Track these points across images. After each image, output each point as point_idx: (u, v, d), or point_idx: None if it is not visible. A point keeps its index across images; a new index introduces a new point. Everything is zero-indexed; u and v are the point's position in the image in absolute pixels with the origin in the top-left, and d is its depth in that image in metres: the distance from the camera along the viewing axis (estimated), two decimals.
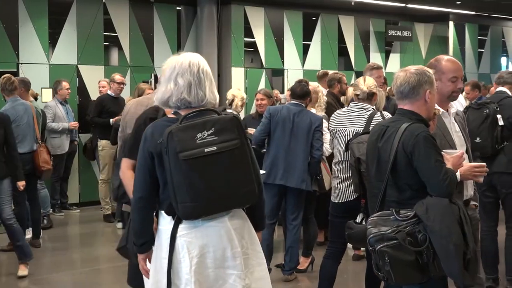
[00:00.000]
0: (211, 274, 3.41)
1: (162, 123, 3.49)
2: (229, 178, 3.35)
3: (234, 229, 3.46)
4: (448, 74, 4.28)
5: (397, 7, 16.55)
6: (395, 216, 3.62)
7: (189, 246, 3.39)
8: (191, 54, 3.57)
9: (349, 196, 5.32)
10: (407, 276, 3.59)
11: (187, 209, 3.32)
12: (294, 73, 14.51)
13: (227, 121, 3.39)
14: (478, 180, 4.09)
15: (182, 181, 3.28)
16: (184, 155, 3.26)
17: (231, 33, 14.05)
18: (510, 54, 20.63)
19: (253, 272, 3.51)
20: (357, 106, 5.49)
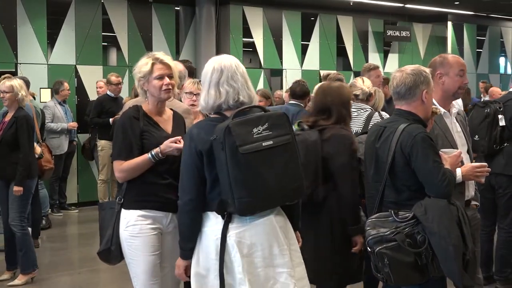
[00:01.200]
0: (261, 273, 3.40)
1: (208, 122, 3.50)
2: (283, 173, 3.37)
3: (279, 227, 3.47)
4: (455, 68, 4.29)
5: (396, 7, 16.56)
6: (393, 217, 3.62)
7: (239, 246, 3.37)
8: (227, 56, 3.59)
9: None
10: (406, 277, 3.59)
11: (244, 204, 3.30)
12: (293, 73, 14.52)
13: (278, 117, 3.43)
14: (480, 180, 4.09)
15: (240, 176, 3.27)
16: (243, 149, 3.26)
17: (230, 33, 14.06)
18: (508, 54, 20.65)
19: (295, 272, 3.49)
20: (355, 107, 5.50)
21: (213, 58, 3.59)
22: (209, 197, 3.44)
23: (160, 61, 4.04)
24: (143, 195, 3.91)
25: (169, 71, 4.05)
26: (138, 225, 3.95)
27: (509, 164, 6.11)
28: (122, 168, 3.96)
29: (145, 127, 3.99)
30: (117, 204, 4.02)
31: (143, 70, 4.05)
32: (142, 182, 3.95)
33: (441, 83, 4.26)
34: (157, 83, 4.01)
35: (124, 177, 4.00)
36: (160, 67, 4.03)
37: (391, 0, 15.77)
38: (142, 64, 4.08)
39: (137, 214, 3.96)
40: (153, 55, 4.09)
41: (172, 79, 4.05)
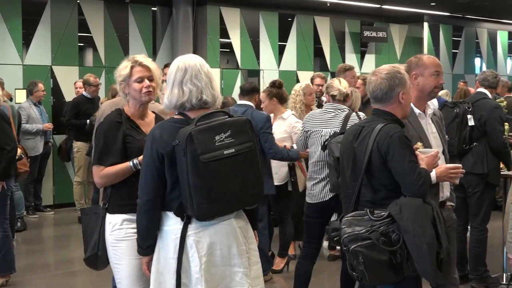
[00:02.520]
0: (218, 271, 3.45)
1: (170, 124, 3.50)
2: (243, 180, 3.41)
3: (239, 228, 3.52)
4: (431, 68, 4.31)
5: (372, 8, 16.63)
6: (369, 216, 3.63)
7: (197, 245, 3.41)
8: (192, 56, 3.60)
9: (324, 196, 5.34)
10: (381, 276, 3.60)
11: (203, 210, 3.34)
12: (270, 74, 14.51)
13: (242, 124, 3.46)
14: (454, 181, 4.12)
15: (200, 183, 3.30)
16: (205, 157, 3.28)
17: (207, 34, 14.03)
18: (483, 55, 20.81)
19: (251, 271, 3.55)
20: (333, 107, 5.51)
21: (179, 58, 3.60)
22: (170, 197, 3.47)
23: (139, 64, 4.03)
24: (128, 199, 3.89)
25: (149, 73, 4.03)
26: (123, 229, 3.95)
27: (477, 163, 6.18)
28: (102, 174, 3.95)
29: (128, 131, 3.97)
30: (102, 209, 4.01)
31: (122, 74, 4.03)
32: (127, 186, 3.94)
33: (416, 83, 4.27)
34: (137, 86, 4.00)
35: (103, 183, 3.99)
36: (139, 69, 4.01)
37: (367, 1, 15.83)
38: (122, 67, 4.06)
39: (122, 218, 3.96)
40: (132, 58, 4.08)
41: (153, 81, 4.03)
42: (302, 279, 5.54)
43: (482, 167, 6.21)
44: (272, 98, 7.10)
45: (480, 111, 6.21)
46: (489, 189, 6.36)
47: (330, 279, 6.99)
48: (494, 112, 6.34)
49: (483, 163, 6.21)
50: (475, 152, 6.17)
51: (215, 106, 3.57)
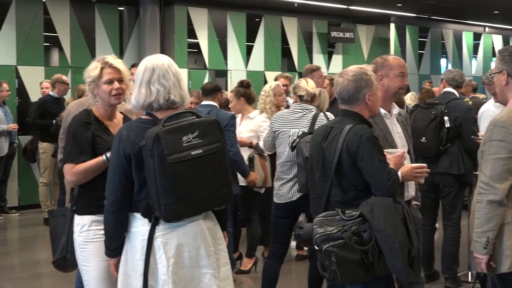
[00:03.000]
0: (186, 273, 3.42)
1: (138, 124, 3.47)
2: (211, 180, 3.39)
3: (207, 229, 3.49)
4: (396, 69, 4.33)
5: (340, 9, 16.72)
6: (340, 216, 3.63)
7: (165, 247, 3.38)
8: (161, 56, 3.58)
9: (292, 197, 5.35)
10: (353, 276, 3.60)
11: (171, 212, 3.31)
12: (238, 74, 14.51)
13: (209, 124, 3.43)
14: (419, 181, 4.14)
15: (168, 184, 3.27)
16: (172, 158, 3.26)
17: (174, 34, 13.98)
18: (449, 55, 21.03)
19: (220, 272, 3.54)
20: (300, 107, 5.52)
21: (147, 58, 3.57)
22: (137, 198, 3.44)
23: (109, 65, 3.98)
24: (96, 200, 3.85)
25: (118, 75, 3.99)
26: (92, 231, 3.91)
27: (454, 164, 6.23)
28: (75, 171, 3.90)
29: (97, 132, 3.94)
30: (70, 211, 3.97)
31: (92, 75, 3.99)
32: (94, 187, 3.90)
33: (381, 84, 4.29)
34: (106, 87, 3.96)
35: (76, 181, 3.93)
36: (109, 71, 3.97)
37: (335, 2, 15.90)
38: (92, 68, 4.01)
39: (90, 220, 3.92)
40: (102, 59, 4.03)
41: (123, 83, 4.00)
42: (269, 279, 5.54)
43: (459, 168, 6.26)
44: (240, 97, 7.10)
45: (454, 112, 6.24)
46: (463, 189, 6.44)
47: (298, 278, 7.00)
48: (469, 113, 6.40)
49: (459, 164, 6.26)
50: (450, 153, 6.21)
51: (184, 106, 3.55)
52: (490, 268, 3.53)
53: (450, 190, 6.31)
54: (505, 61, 3.64)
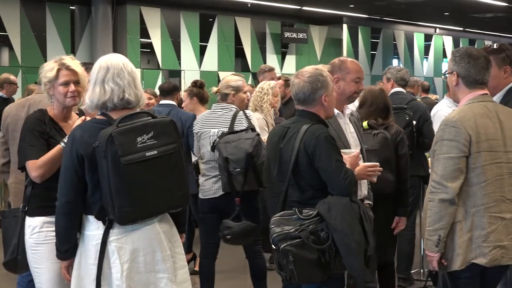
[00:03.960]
0: (142, 278, 3.36)
1: (92, 124, 3.40)
2: (166, 182, 3.34)
3: (163, 232, 3.44)
4: (353, 74, 4.36)
5: (293, 10, 16.79)
6: (298, 215, 3.64)
7: (119, 251, 3.32)
8: (116, 55, 3.53)
9: (214, 193, 5.33)
10: (310, 275, 3.62)
11: (125, 214, 3.25)
12: (191, 74, 14.47)
13: (165, 125, 3.38)
14: (372, 179, 4.18)
15: (122, 186, 3.22)
16: (126, 160, 3.20)
17: (127, 33, 13.88)
18: (401, 56, 21.30)
19: (177, 275, 3.49)
20: (220, 107, 5.49)
21: (102, 57, 3.52)
22: (90, 201, 3.38)
23: (66, 67, 3.91)
24: (48, 201, 3.78)
25: (75, 77, 3.93)
26: (43, 232, 3.83)
27: (419, 166, 6.23)
28: (38, 164, 3.80)
29: (51, 133, 3.87)
30: (21, 212, 3.90)
31: (48, 75, 3.92)
32: (46, 188, 3.82)
33: (337, 87, 4.31)
34: (62, 89, 3.89)
35: (42, 174, 3.83)
36: (66, 73, 3.90)
37: (288, 2, 15.96)
38: (48, 68, 3.94)
39: (42, 221, 3.83)
40: (60, 60, 3.95)
41: (79, 85, 3.93)
42: (206, 276, 5.53)
43: (424, 169, 6.28)
44: (193, 97, 7.06)
45: (416, 114, 6.21)
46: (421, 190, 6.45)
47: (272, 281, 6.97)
48: (427, 114, 6.43)
49: (425, 166, 6.28)
50: (416, 155, 6.20)
51: (139, 106, 3.52)
52: (441, 266, 3.57)
53: (414, 191, 6.30)
54: (456, 62, 3.70)
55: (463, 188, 3.50)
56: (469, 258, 3.51)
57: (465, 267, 3.52)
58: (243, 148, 4.98)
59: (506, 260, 3.55)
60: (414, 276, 6.61)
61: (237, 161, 4.99)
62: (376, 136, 5.05)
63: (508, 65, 4.19)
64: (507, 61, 4.19)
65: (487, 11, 18.72)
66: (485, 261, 3.50)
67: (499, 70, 4.15)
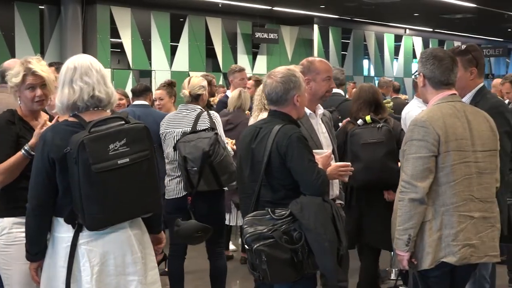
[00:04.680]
0: (112, 281, 3.34)
1: (63, 127, 3.35)
2: (138, 189, 3.31)
3: (134, 235, 3.41)
4: (323, 74, 4.40)
5: (264, 10, 16.81)
6: (270, 215, 3.64)
7: (89, 254, 3.29)
8: (83, 55, 3.48)
9: (178, 193, 5.34)
10: (283, 274, 3.62)
11: (94, 221, 3.22)
12: (162, 74, 14.42)
13: (138, 131, 3.34)
14: (343, 179, 4.20)
15: (92, 193, 3.18)
16: (97, 167, 3.16)
17: (97, 33, 13.80)
18: (371, 57, 21.43)
19: (147, 277, 3.47)
20: (185, 107, 5.49)
21: (70, 58, 3.49)
22: (61, 203, 3.34)
23: (32, 73, 3.87)
24: (17, 201, 3.75)
25: (41, 80, 3.89)
26: (13, 233, 3.79)
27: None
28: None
29: (21, 132, 3.83)
30: None
31: (13, 81, 3.88)
32: (15, 189, 3.79)
33: (309, 88, 4.34)
34: (28, 94, 3.85)
35: (2, 180, 3.81)
36: (31, 78, 3.86)
37: (259, 3, 15.97)
38: (15, 73, 3.89)
39: (11, 222, 3.79)
40: (26, 64, 3.90)
41: (45, 88, 3.89)
42: (175, 277, 5.53)
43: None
44: (172, 97, 7.07)
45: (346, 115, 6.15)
46: None
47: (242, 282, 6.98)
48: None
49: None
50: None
51: (112, 105, 3.48)
52: (411, 265, 3.60)
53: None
54: (422, 63, 3.74)
55: (432, 187, 3.53)
56: (438, 257, 3.54)
57: (435, 266, 3.55)
58: (200, 147, 4.98)
59: (475, 259, 3.60)
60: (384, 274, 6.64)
61: (194, 159, 4.99)
62: (380, 129, 5.16)
63: (475, 67, 4.23)
64: (474, 63, 4.23)
65: (457, 12, 18.91)
66: (455, 259, 3.53)
67: (465, 72, 4.19)
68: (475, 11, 18.53)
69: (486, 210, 3.63)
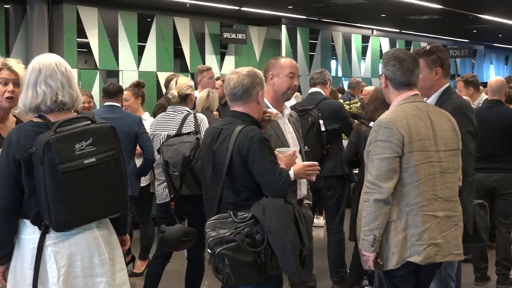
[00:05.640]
0: (79, 283, 3.32)
1: (29, 128, 3.32)
2: (105, 189, 3.29)
3: (101, 236, 3.39)
4: (286, 69, 4.41)
5: (232, 10, 16.80)
6: (232, 218, 3.64)
7: (56, 256, 3.27)
8: (49, 55, 3.44)
9: (165, 198, 5.33)
10: (246, 277, 3.63)
11: (61, 222, 3.20)
12: (130, 75, 14.34)
13: (105, 131, 3.32)
14: (311, 178, 4.21)
15: (59, 193, 3.16)
16: (63, 167, 3.14)
17: (63, 33, 13.68)
18: (339, 57, 21.53)
19: (115, 278, 3.45)
20: (172, 109, 5.47)
21: (35, 58, 3.45)
22: (27, 205, 3.31)
23: (8, 68, 3.82)
24: None
25: (16, 77, 3.84)
26: None
27: (337, 166, 6.23)
28: None
29: None
30: None
31: None
32: None
33: (272, 83, 4.37)
34: (0, 87, 3.80)
35: None
36: (7, 73, 3.81)
37: (227, 3, 15.96)
38: None
39: None
40: (4, 61, 3.86)
41: (18, 87, 3.84)
42: (151, 279, 5.51)
43: (342, 168, 6.29)
44: (138, 97, 7.03)
45: (326, 112, 6.18)
46: (345, 190, 6.45)
47: None
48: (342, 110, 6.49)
49: (342, 165, 6.28)
50: (331, 156, 6.22)
51: (76, 107, 3.46)
52: (377, 265, 3.62)
53: (333, 193, 6.29)
54: (384, 64, 3.78)
55: (397, 188, 3.56)
56: (404, 256, 3.57)
57: (400, 266, 3.58)
58: (181, 152, 4.95)
59: (439, 258, 3.64)
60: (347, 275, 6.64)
61: (175, 164, 4.96)
62: None
63: (440, 67, 4.27)
64: (438, 63, 4.27)
65: (423, 13, 19.06)
66: (420, 259, 3.57)
67: (430, 72, 4.23)
68: (441, 13, 18.70)
69: (450, 209, 3.67)
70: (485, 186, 6.18)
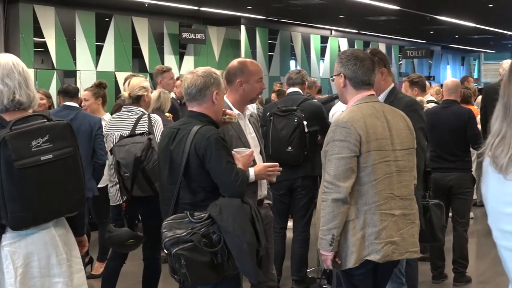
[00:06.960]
0: (36, 283, 3.28)
1: None
2: (62, 186, 3.27)
3: (59, 236, 3.35)
4: (255, 75, 4.40)
5: (191, 10, 16.76)
6: (189, 218, 3.63)
7: (13, 256, 3.23)
8: (6, 54, 3.41)
9: (119, 200, 5.29)
10: (203, 277, 3.61)
11: (18, 219, 3.17)
12: (88, 75, 14.22)
13: (61, 128, 3.29)
14: (271, 179, 4.21)
15: (15, 191, 3.13)
16: (19, 164, 3.10)
17: (19, 32, 13.50)
18: (298, 58, 21.62)
19: (73, 279, 3.42)
20: (126, 110, 5.43)
21: None
22: None
23: None
24: None
25: None
26: None
27: (316, 167, 6.19)
28: None
29: None
30: None
31: None
32: None
33: (241, 89, 4.34)
34: None
35: None
36: None
37: (186, 3, 15.92)
38: None
39: None
40: None
41: None
42: (108, 281, 5.47)
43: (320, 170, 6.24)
44: (98, 98, 6.95)
45: (308, 114, 6.15)
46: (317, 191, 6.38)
47: None
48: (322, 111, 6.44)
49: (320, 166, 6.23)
50: (310, 156, 6.18)
51: (32, 107, 3.43)
52: (336, 264, 3.64)
53: (307, 193, 6.29)
54: (343, 64, 3.79)
55: (354, 187, 3.58)
56: (362, 255, 3.59)
57: (359, 264, 3.60)
58: (133, 152, 4.91)
59: (397, 255, 3.67)
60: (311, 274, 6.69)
61: (126, 165, 4.92)
62: None
63: (384, 67, 4.36)
64: (382, 64, 4.38)
65: (381, 14, 19.26)
66: (378, 257, 3.59)
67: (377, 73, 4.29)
68: (399, 14, 18.91)
69: (406, 208, 3.71)
70: (442, 185, 6.25)
